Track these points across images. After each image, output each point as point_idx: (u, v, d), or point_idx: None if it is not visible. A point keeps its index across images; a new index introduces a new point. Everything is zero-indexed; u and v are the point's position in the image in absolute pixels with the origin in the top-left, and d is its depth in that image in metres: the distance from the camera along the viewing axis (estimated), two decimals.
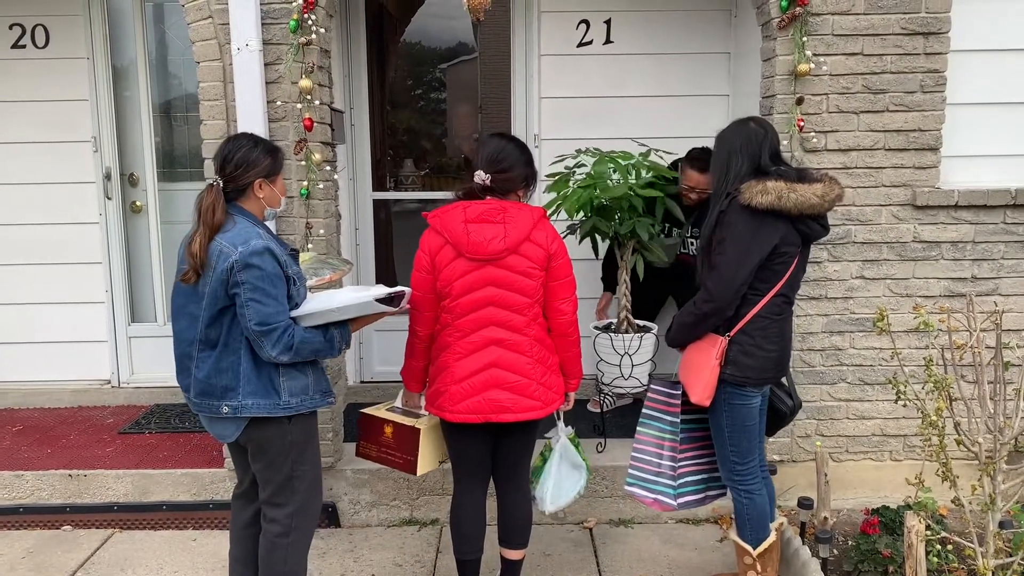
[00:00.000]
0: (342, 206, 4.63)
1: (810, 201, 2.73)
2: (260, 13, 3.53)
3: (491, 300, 2.81)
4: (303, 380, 2.69)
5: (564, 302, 2.89)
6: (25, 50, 4.77)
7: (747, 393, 2.91)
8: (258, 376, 2.61)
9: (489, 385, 2.84)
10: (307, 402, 2.70)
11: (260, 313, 2.51)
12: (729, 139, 2.88)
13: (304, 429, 2.74)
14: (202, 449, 4.23)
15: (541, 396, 2.87)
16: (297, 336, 2.57)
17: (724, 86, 4.77)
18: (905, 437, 3.94)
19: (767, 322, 2.86)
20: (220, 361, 2.60)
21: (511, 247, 2.77)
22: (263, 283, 2.51)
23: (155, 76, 4.93)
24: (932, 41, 3.66)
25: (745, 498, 3.01)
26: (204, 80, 3.64)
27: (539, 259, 2.81)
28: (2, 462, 4.09)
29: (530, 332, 2.86)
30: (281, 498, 2.75)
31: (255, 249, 2.51)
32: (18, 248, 4.91)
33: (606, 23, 4.73)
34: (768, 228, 2.76)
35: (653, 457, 3.17)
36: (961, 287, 3.82)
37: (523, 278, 2.80)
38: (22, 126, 4.80)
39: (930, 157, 3.73)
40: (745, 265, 2.77)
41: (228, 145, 2.67)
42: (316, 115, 3.61)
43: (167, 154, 5.02)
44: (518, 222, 2.79)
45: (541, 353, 2.89)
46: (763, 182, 2.74)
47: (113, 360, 5.04)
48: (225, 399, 2.61)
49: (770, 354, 2.88)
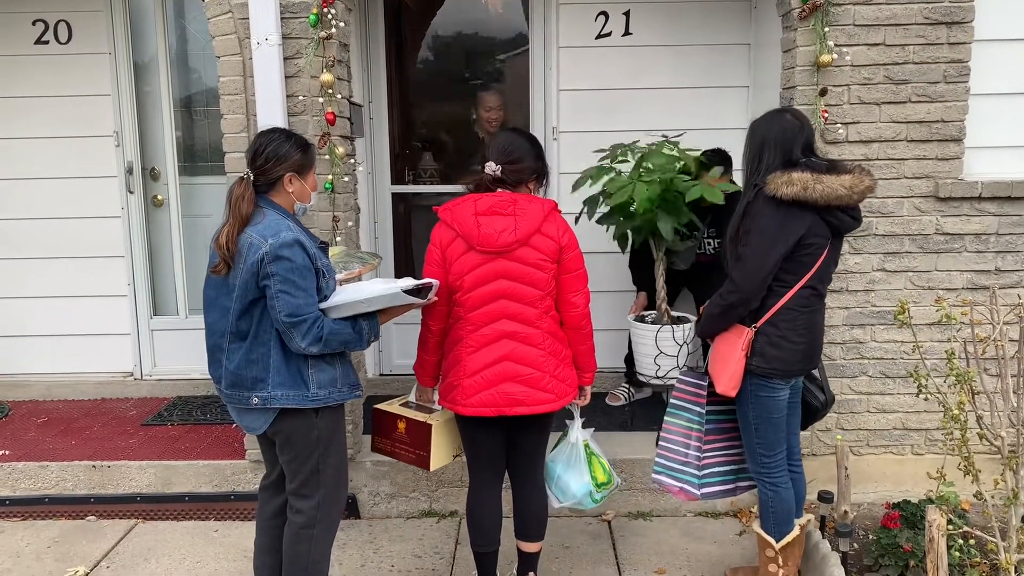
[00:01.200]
0: (361, 199, 4.65)
1: (837, 192, 2.70)
2: (279, 8, 3.54)
3: (503, 293, 2.82)
4: (331, 372, 2.70)
5: (576, 295, 2.90)
6: (48, 46, 4.81)
7: (774, 385, 2.90)
8: (287, 368, 2.63)
9: (502, 378, 2.84)
10: (335, 394, 2.71)
11: (290, 304, 2.53)
12: (763, 130, 2.86)
13: (331, 422, 2.76)
14: (223, 441, 4.27)
15: (554, 389, 2.87)
16: (326, 328, 2.59)
17: (744, 77, 4.73)
18: (927, 431, 3.90)
19: (795, 314, 2.84)
20: (250, 352, 2.62)
21: (521, 239, 2.78)
22: (293, 275, 2.53)
23: (176, 71, 4.96)
24: (955, 31, 3.61)
25: (771, 490, 3.00)
26: (224, 75, 3.67)
27: (550, 251, 2.81)
28: (28, 453, 4.15)
29: (542, 325, 2.86)
30: (307, 489, 2.77)
31: (285, 241, 2.53)
32: (41, 242, 4.96)
33: (625, 14, 4.71)
34: (794, 219, 2.74)
35: (680, 447, 3.17)
36: (984, 280, 3.78)
37: (534, 270, 2.80)
38: (45, 121, 4.85)
39: (953, 148, 3.69)
40: (771, 256, 2.76)
41: (260, 138, 2.70)
42: (336, 109, 3.63)
43: (188, 148, 5.05)
44: (529, 214, 2.80)
45: (554, 346, 2.89)
46: (788, 173, 2.72)
47: (136, 353, 5.09)
48: (255, 390, 2.63)
49: (797, 346, 2.86)
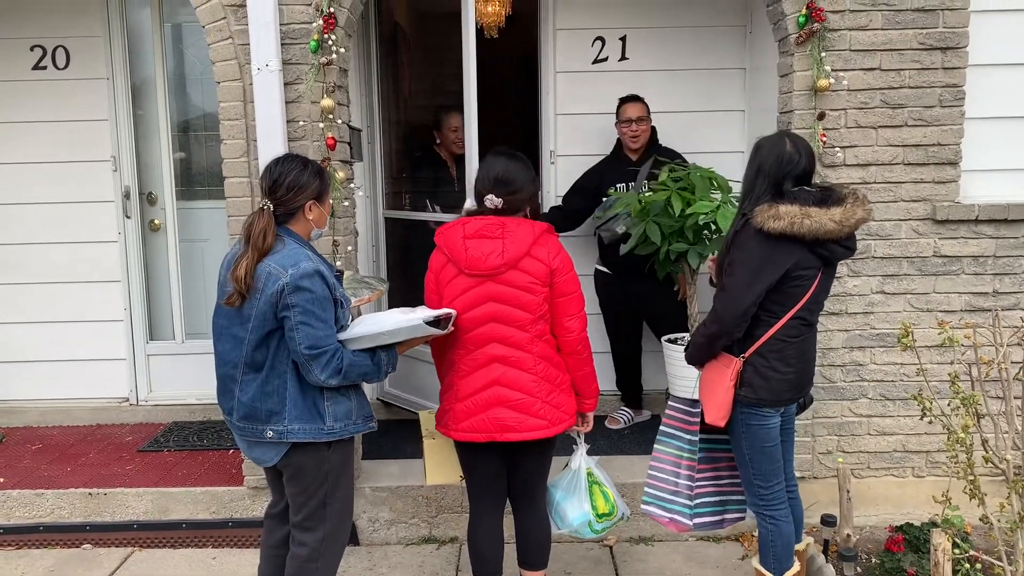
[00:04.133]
0: (359, 223, 4.65)
1: (826, 227, 2.62)
2: (280, 34, 3.56)
3: (493, 316, 2.79)
4: (347, 404, 2.66)
5: (571, 319, 2.85)
6: (46, 71, 4.81)
7: (764, 414, 2.84)
8: (303, 400, 2.58)
9: (493, 403, 2.81)
10: (350, 427, 2.67)
11: (311, 336, 2.49)
12: (761, 156, 2.79)
13: (343, 455, 2.71)
14: (221, 467, 4.23)
15: (546, 415, 2.82)
16: (346, 359, 2.55)
17: (740, 101, 4.77)
18: (928, 453, 3.91)
19: (783, 344, 2.79)
20: (266, 384, 2.57)
21: (509, 262, 2.75)
22: (313, 306, 2.49)
23: (174, 95, 4.97)
24: (950, 56, 3.66)
25: (771, 524, 2.94)
26: (224, 100, 3.68)
27: (540, 274, 2.78)
28: (23, 480, 4.10)
29: (534, 349, 2.82)
30: (312, 523, 2.71)
31: (306, 272, 2.49)
32: (37, 266, 4.94)
33: (621, 40, 4.75)
34: (782, 252, 2.68)
35: (670, 476, 3.14)
36: (983, 302, 3.80)
37: (524, 293, 2.77)
38: (43, 146, 4.84)
39: (949, 171, 3.73)
40: (753, 289, 2.70)
41: (278, 168, 2.63)
42: (337, 134, 3.64)
43: (185, 173, 5.05)
44: (517, 237, 2.77)
45: (547, 371, 2.85)
46: (776, 207, 2.65)
47: (132, 378, 5.05)
48: (270, 423, 2.58)
49: (786, 376, 2.82)
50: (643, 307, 4.52)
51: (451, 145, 4.99)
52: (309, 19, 3.60)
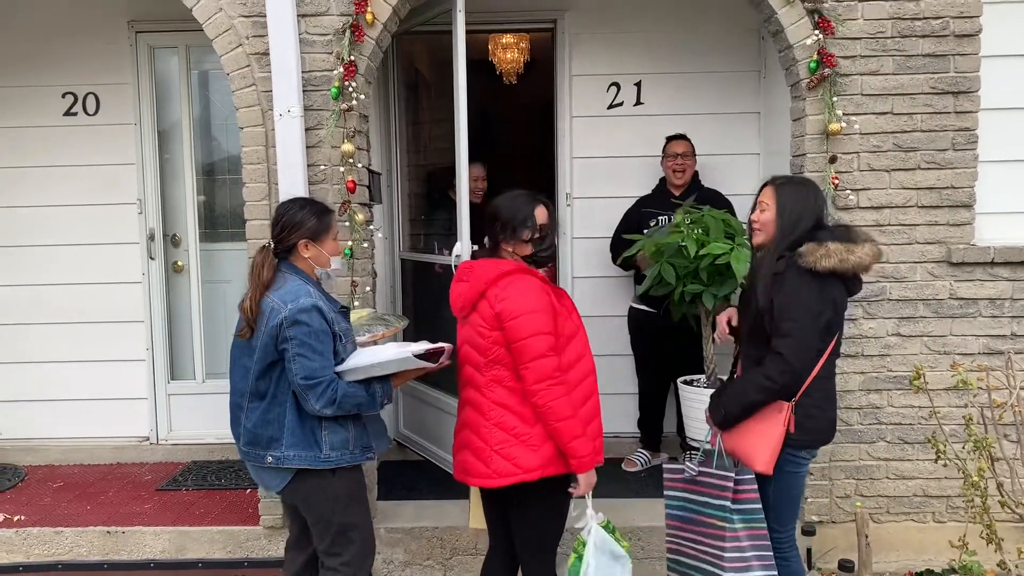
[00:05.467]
0: (378, 264, 4.71)
1: (863, 262, 2.72)
2: (301, 81, 3.66)
3: (465, 358, 2.81)
4: (344, 434, 2.75)
5: (524, 369, 2.64)
6: (76, 117, 4.96)
7: (799, 459, 2.84)
8: (301, 428, 2.70)
9: (461, 445, 2.83)
10: (347, 456, 2.76)
11: (306, 368, 2.61)
12: (803, 199, 2.82)
13: (348, 483, 2.79)
14: (237, 506, 4.25)
15: (495, 465, 2.69)
16: (340, 390, 2.64)
17: (755, 145, 4.82)
18: (948, 498, 3.84)
19: (825, 382, 2.82)
20: (267, 412, 2.72)
21: (466, 305, 2.76)
22: (310, 339, 2.62)
23: (199, 140, 5.09)
24: (962, 100, 3.69)
25: (783, 562, 2.92)
26: (247, 145, 3.77)
27: (488, 318, 2.69)
28: (42, 519, 4.14)
29: (489, 394, 2.72)
30: (337, 548, 2.81)
31: (303, 307, 2.62)
32: (63, 307, 5.03)
33: (636, 85, 4.83)
34: (830, 288, 2.73)
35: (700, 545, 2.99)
36: (1000, 344, 3.77)
37: (477, 336, 2.73)
38: (72, 190, 4.97)
39: (964, 214, 3.73)
40: (817, 329, 2.70)
41: (279, 208, 2.84)
42: (356, 177, 3.71)
43: (209, 215, 5.15)
44: (476, 280, 2.74)
45: (502, 418, 2.69)
46: (824, 245, 2.69)
47: (152, 417, 5.10)
48: (270, 449, 2.72)
49: (829, 414, 2.85)
50: (676, 347, 4.47)
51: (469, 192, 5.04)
52: (330, 67, 3.70)
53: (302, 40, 3.69)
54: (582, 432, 2.65)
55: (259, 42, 3.72)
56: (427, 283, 4.76)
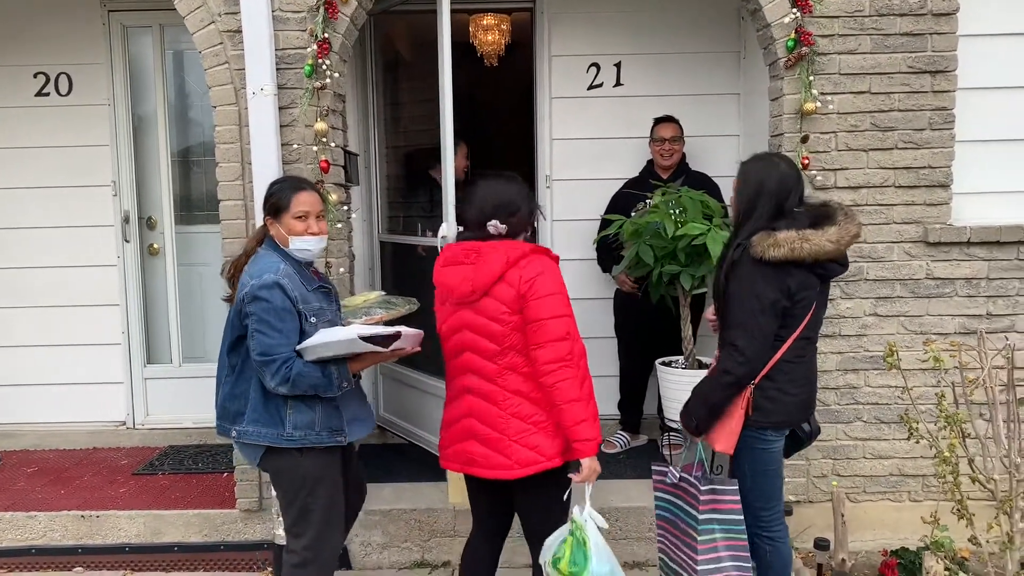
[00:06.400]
0: (357, 247, 4.67)
1: (824, 248, 2.65)
2: (275, 58, 3.61)
3: (466, 345, 2.70)
4: (310, 415, 2.72)
5: (537, 348, 2.59)
6: (49, 97, 4.89)
7: (767, 437, 2.83)
8: (265, 406, 2.71)
9: (464, 435, 2.73)
10: (312, 437, 2.72)
11: (262, 344, 2.62)
12: (758, 177, 2.78)
13: (319, 462, 2.76)
14: (214, 490, 4.22)
15: (514, 455, 2.63)
16: (295, 369, 2.61)
17: (734, 126, 4.80)
18: (924, 477, 3.87)
19: (790, 366, 2.79)
20: (235, 386, 2.76)
21: (478, 289, 2.62)
22: (268, 315, 2.62)
23: (174, 122, 5.03)
24: (939, 79, 3.68)
25: (768, 545, 2.92)
26: (220, 124, 3.72)
27: (510, 301, 2.59)
28: (15, 503, 4.10)
29: (503, 383, 2.65)
30: (298, 528, 2.80)
31: (265, 283, 2.64)
32: (37, 290, 4.98)
33: (616, 66, 4.80)
34: (784, 277, 2.68)
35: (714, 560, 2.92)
36: (976, 324, 3.78)
37: (492, 323, 2.62)
38: (44, 171, 4.90)
39: (940, 194, 3.73)
40: (769, 318, 2.69)
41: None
42: (331, 157, 3.67)
43: (184, 198, 5.10)
44: (489, 262, 2.62)
45: (519, 407, 2.65)
46: (773, 235, 2.66)
47: (128, 402, 5.07)
48: (235, 423, 2.76)
49: (796, 398, 2.81)
50: (659, 328, 4.43)
51: None
52: (303, 44, 3.64)
53: (275, 17, 3.63)
54: (587, 415, 2.62)
55: (232, 19, 3.66)
56: (407, 265, 4.72)
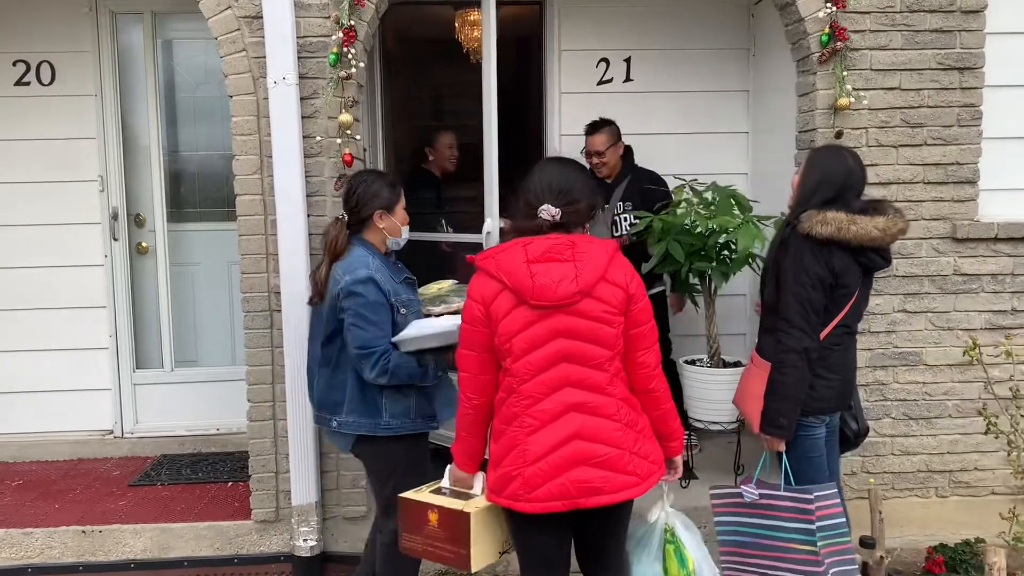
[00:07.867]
0: None
1: (870, 234, 2.72)
2: (297, 47, 3.45)
3: (564, 355, 2.31)
4: (405, 403, 2.83)
5: (645, 352, 2.39)
6: (29, 87, 4.59)
7: (809, 423, 2.86)
8: (362, 396, 2.81)
9: (573, 462, 2.31)
10: (408, 424, 2.84)
11: (359, 338, 2.72)
12: (825, 166, 2.84)
13: (410, 450, 2.88)
14: (222, 500, 4.01)
15: (637, 469, 2.36)
16: (392, 361, 2.73)
17: (743, 123, 4.77)
18: (951, 472, 3.88)
19: (828, 352, 2.83)
20: (332, 378, 2.87)
21: (584, 289, 2.28)
22: (364, 310, 2.71)
23: (164, 113, 4.77)
24: (967, 76, 3.70)
25: None
26: (237, 115, 3.53)
27: (618, 302, 2.32)
28: (7, 519, 3.83)
29: (614, 391, 2.36)
30: (390, 509, 2.83)
31: (359, 278, 2.72)
32: (17, 292, 4.66)
33: (626, 61, 4.73)
34: (829, 257, 2.74)
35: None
36: (1001, 320, 3.80)
37: (602, 326, 2.31)
38: (26, 165, 4.60)
39: (968, 190, 3.75)
40: (818, 293, 2.74)
41: (353, 180, 2.95)
42: (354, 150, 3.52)
43: (176, 193, 4.85)
44: (591, 258, 2.31)
45: (630, 416, 2.39)
46: (823, 212, 2.72)
47: (116, 409, 4.79)
48: (335, 414, 2.87)
49: (831, 383, 2.85)
50: None
51: (445, 162, 4.95)
52: (326, 32, 3.49)
53: (297, 3, 3.46)
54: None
55: (250, 4, 3.49)
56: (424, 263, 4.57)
